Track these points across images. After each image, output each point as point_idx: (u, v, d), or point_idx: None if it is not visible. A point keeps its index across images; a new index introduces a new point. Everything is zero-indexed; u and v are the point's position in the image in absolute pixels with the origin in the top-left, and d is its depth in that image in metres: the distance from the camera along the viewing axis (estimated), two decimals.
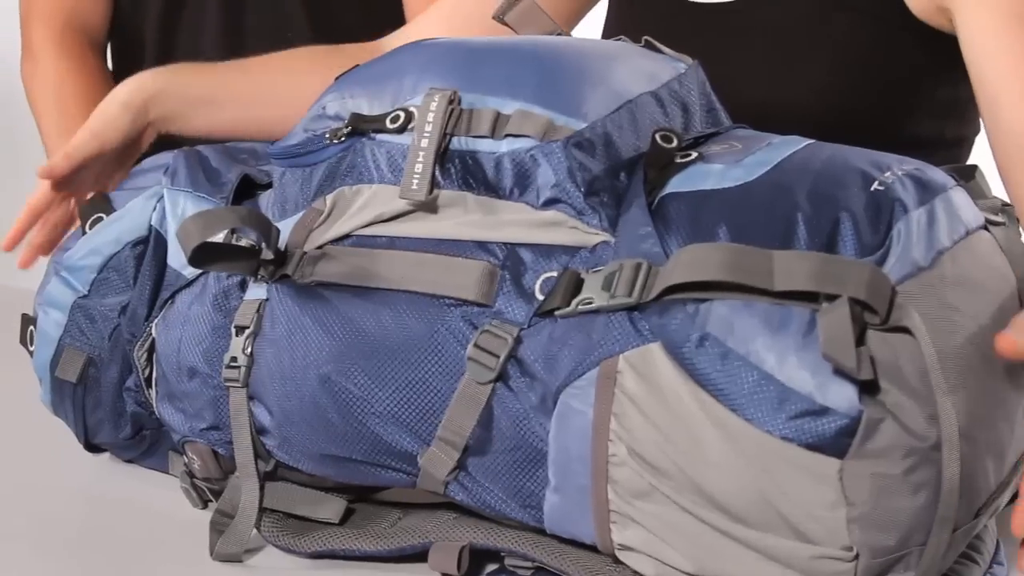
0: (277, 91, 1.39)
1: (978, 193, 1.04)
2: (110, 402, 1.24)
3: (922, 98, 1.36)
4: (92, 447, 1.29)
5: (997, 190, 1.12)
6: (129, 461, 1.29)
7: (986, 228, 1.01)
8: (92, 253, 1.24)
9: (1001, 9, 1.21)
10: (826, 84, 1.33)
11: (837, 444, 0.89)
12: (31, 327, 1.28)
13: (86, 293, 1.24)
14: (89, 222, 1.26)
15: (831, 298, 0.89)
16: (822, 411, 0.89)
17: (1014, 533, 0.94)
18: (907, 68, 1.33)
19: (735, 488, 0.91)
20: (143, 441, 1.26)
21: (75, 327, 1.24)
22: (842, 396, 0.88)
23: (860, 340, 0.89)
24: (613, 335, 0.95)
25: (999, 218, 1.04)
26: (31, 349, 1.28)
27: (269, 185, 1.18)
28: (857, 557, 0.89)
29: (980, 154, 1.34)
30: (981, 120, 1.28)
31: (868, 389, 0.88)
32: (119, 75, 1.78)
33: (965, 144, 1.43)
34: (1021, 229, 1.10)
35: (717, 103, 1.10)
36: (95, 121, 1.31)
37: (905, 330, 0.89)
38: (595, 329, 0.96)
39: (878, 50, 1.31)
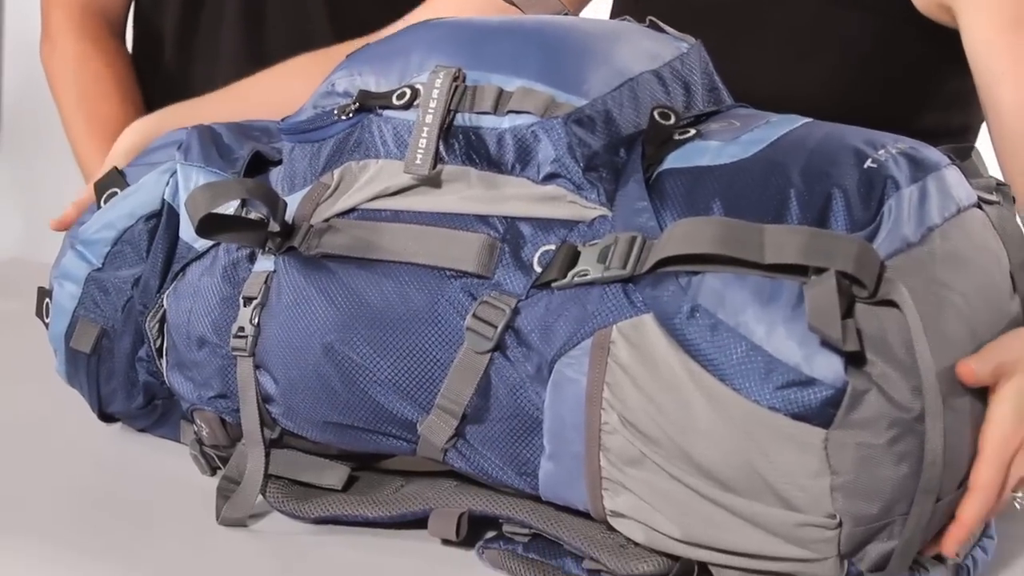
0: (271, 112, 1.40)
1: (973, 172, 1.06)
2: (123, 372, 1.27)
3: (928, 91, 1.37)
4: (106, 417, 1.32)
5: (995, 170, 1.13)
6: (142, 430, 1.32)
7: (979, 206, 1.03)
8: (106, 227, 1.26)
9: (1003, 13, 1.22)
10: (833, 80, 1.34)
11: (822, 414, 0.90)
12: (47, 299, 1.30)
13: (100, 266, 1.26)
14: (104, 197, 1.28)
15: (820, 271, 0.91)
16: (808, 382, 0.91)
17: (943, 551, 0.95)
18: (913, 62, 1.34)
19: (723, 456, 0.93)
20: (155, 410, 1.29)
21: (89, 299, 1.26)
22: (828, 367, 0.90)
23: (848, 313, 0.90)
24: (607, 306, 0.97)
25: (993, 197, 1.05)
26: (47, 321, 1.31)
27: (280, 162, 1.20)
28: (840, 525, 0.91)
29: (984, 143, 1.36)
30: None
31: (854, 361, 0.90)
32: (139, 64, 1.81)
33: (971, 133, 1.44)
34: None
35: (719, 82, 1.12)
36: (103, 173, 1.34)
37: (893, 304, 0.91)
38: (590, 300, 0.98)
39: (884, 45, 1.33)
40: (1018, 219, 1.05)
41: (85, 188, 1.37)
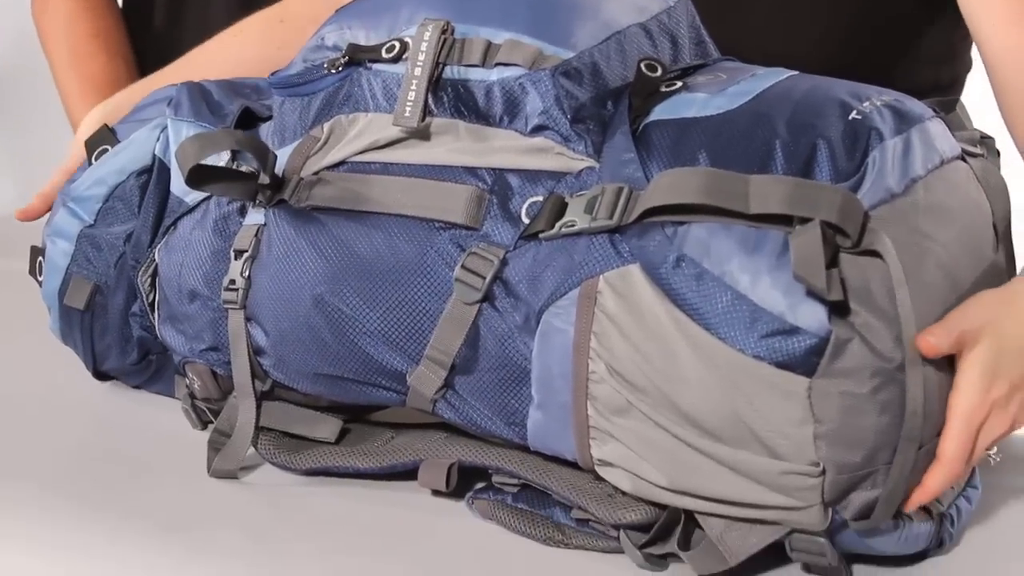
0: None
1: (957, 125, 1.06)
2: (117, 328, 1.27)
3: (919, 47, 1.37)
4: (100, 375, 1.33)
5: (979, 124, 1.14)
6: (136, 387, 1.33)
7: (963, 159, 1.03)
8: (98, 183, 1.27)
9: None
10: (824, 41, 1.34)
11: (806, 363, 0.91)
12: (40, 258, 1.31)
13: (92, 222, 1.27)
14: (95, 154, 1.29)
15: (805, 221, 0.92)
16: (792, 330, 0.91)
17: (904, 507, 0.95)
18: (903, 19, 1.35)
19: (708, 405, 0.94)
20: (149, 366, 1.29)
21: (82, 256, 1.27)
22: (812, 316, 0.91)
23: (832, 262, 0.91)
24: (594, 256, 0.97)
25: (977, 149, 1.06)
26: (40, 279, 1.31)
27: (270, 119, 1.20)
28: (824, 473, 0.92)
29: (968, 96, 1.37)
30: (982, 59, 1.28)
31: (838, 310, 0.91)
32: (129, 20, 1.81)
33: (958, 86, 1.45)
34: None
35: (706, 36, 1.12)
36: (68, 162, 1.34)
37: (876, 254, 0.92)
38: (577, 250, 0.98)
39: (875, 6, 1.33)
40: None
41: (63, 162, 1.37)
